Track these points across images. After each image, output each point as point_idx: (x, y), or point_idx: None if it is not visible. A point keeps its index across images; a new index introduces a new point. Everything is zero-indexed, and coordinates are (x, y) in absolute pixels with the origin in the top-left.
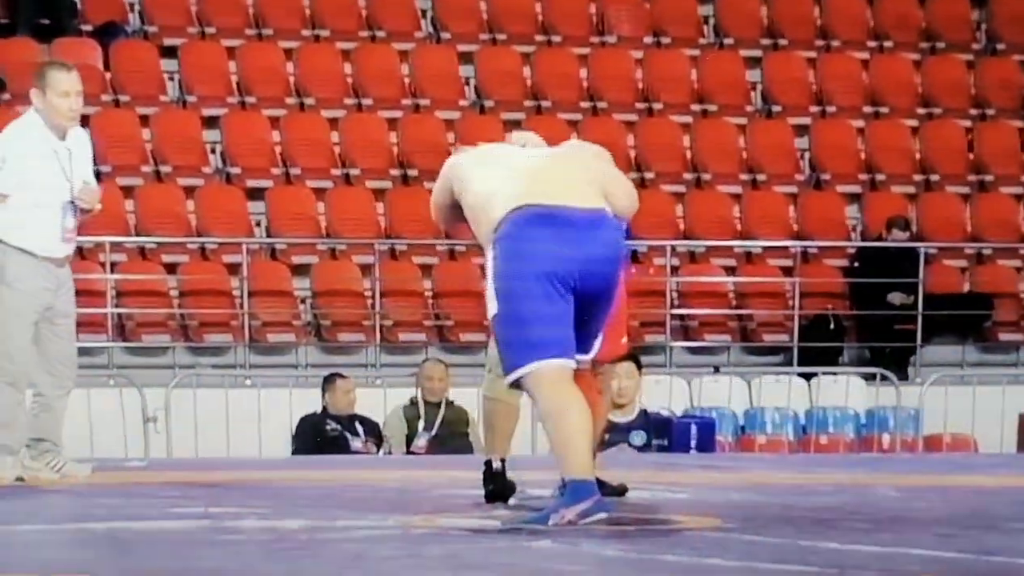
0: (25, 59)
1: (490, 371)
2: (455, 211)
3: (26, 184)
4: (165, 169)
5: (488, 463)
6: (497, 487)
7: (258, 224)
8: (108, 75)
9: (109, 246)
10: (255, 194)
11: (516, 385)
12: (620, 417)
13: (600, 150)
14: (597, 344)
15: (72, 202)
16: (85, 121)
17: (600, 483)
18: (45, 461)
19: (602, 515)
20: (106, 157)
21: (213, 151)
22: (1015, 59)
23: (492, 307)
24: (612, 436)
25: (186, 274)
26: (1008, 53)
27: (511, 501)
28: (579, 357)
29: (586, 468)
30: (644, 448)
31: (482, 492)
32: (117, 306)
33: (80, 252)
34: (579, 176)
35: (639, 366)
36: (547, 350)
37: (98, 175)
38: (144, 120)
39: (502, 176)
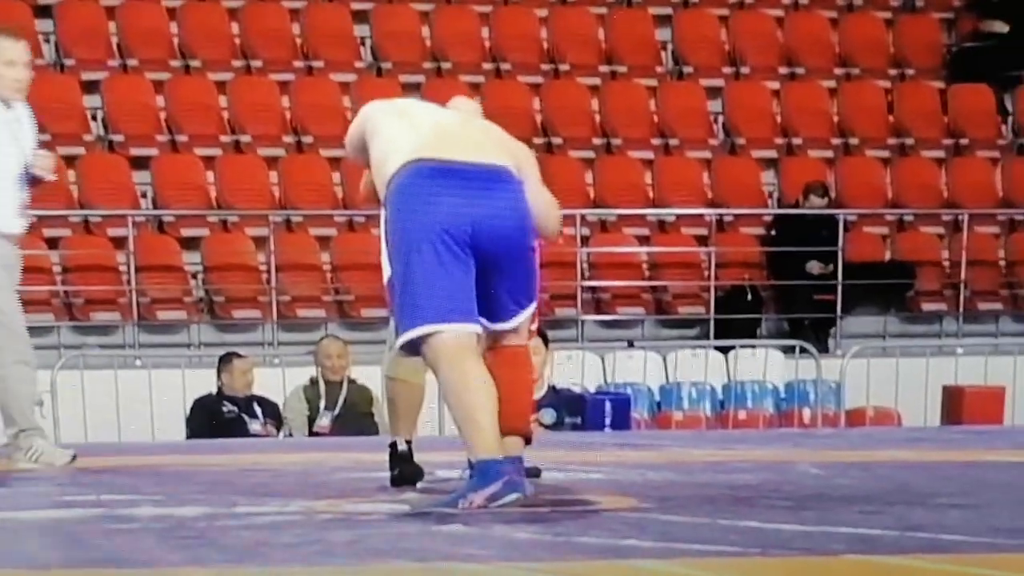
0: None
1: (390, 348)
2: (365, 157)
3: None
4: (43, 137)
5: (393, 445)
6: (404, 470)
7: (144, 195)
8: None
9: (51, 221)
10: (140, 163)
11: (415, 352)
12: None
13: (529, 153)
14: (516, 315)
15: (26, 174)
16: None
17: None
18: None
19: (513, 496)
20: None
21: (94, 117)
22: (935, 16)
23: (386, 270)
24: None
25: (69, 249)
26: (927, 10)
27: (419, 484)
28: (489, 325)
29: (492, 447)
30: (556, 426)
31: (388, 475)
32: (63, 284)
33: None
34: (490, 138)
35: (546, 341)
36: (445, 314)
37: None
38: None
39: (405, 130)
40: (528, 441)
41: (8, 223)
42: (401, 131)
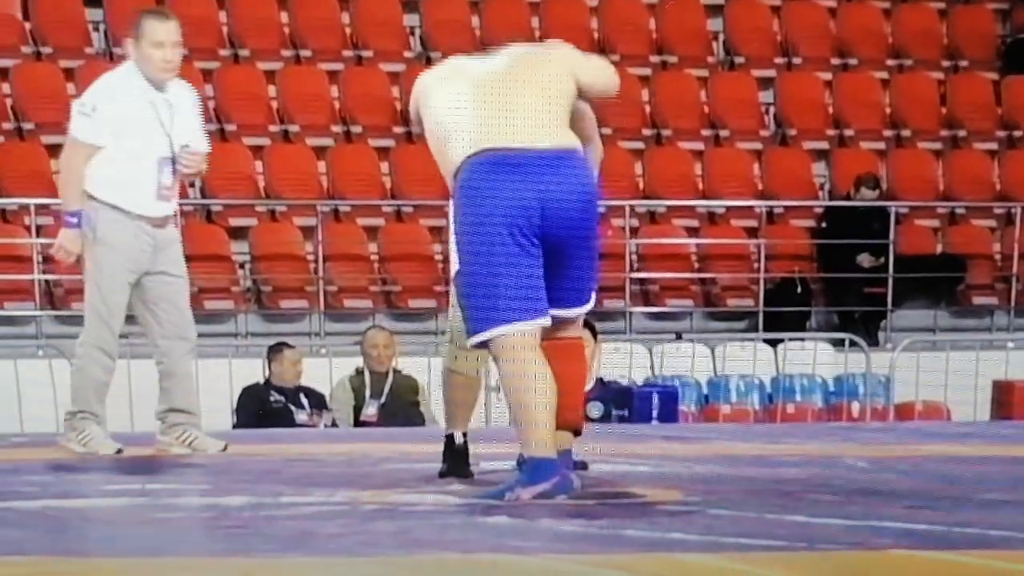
0: None
1: (451, 341)
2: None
3: (120, 135)
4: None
5: (450, 437)
6: (455, 464)
7: (192, 185)
8: (28, 25)
9: (35, 208)
10: None
11: (481, 344)
12: None
13: (561, 50)
14: (587, 300)
15: (172, 159)
16: (4, 74)
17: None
18: (176, 434)
19: (561, 497)
20: (28, 114)
21: None
22: (989, 7)
23: (454, 263)
24: None
25: None
26: (982, 1)
27: (470, 476)
28: (560, 313)
29: (547, 445)
30: (603, 419)
31: (434, 466)
32: (44, 272)
33: (3, 215)
34: (541, 103)
35: (595, 334)
36: (510, 314)
37: (20, 132)
38: (68, 73)
39: (460, 106)
40: (578, 433)
41: (139, 204)
42: (453, 105)
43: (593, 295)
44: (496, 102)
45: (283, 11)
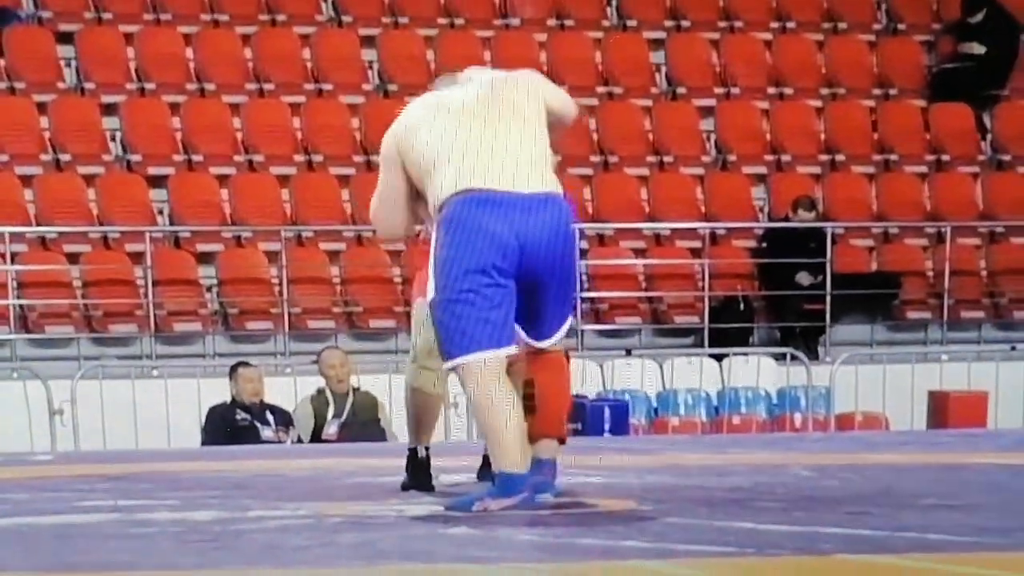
0: None
1: (413, 360)
2: (412, 195)
3: None
4: (64, 157)
5: (413, 451)
6: (418, 477)
7: (160, 212)
8: (2, 62)
9: (9, 236)
10: (157, 182)
11: (451, 369)
12: None
13: (528, 75)
14: (561, 329)
15: None
16: None
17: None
18: None
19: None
20: (3, 146)
21: (113, 138)
22: (916, 39)
23: (430, 292)
24: None
25: (89, 264)
26: (909, 33)
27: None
28: (533, 343)
29: (516, 462)
30: None
31: (396, 479)
32: (19, 297)
33: None
34: (524, 139)
35: (567, 356)
36: (482, 342)
37: None
38: (41, 107)
39: (445, 143)
40: (562, 442)
41: None
42: (436, 137)
43: (563, 328)
44: (480, 139)
45: (247, 47)
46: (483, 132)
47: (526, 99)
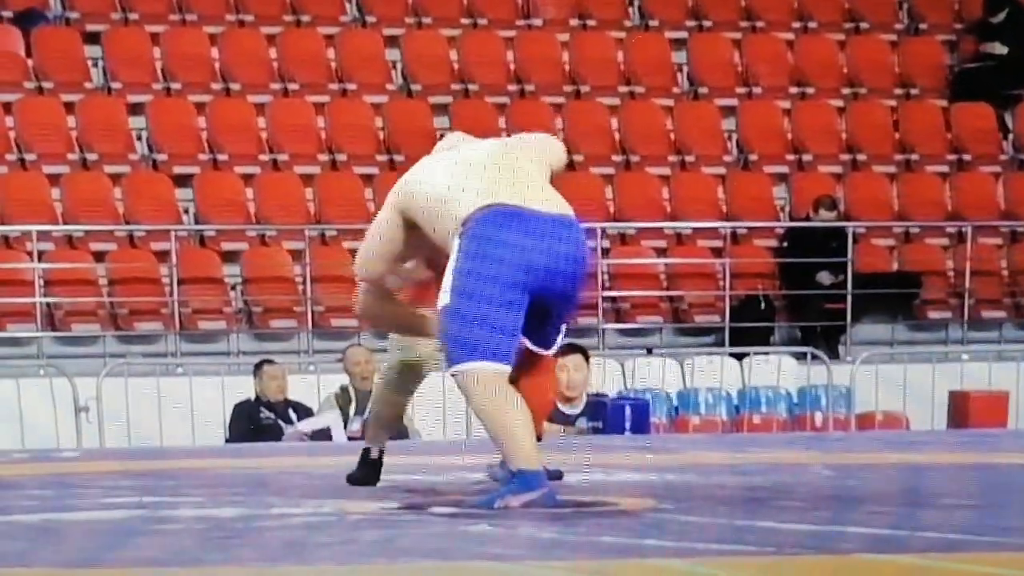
0: None
1: (390, 367)
2: (408, 246)
3: None
4: (91, 157)
5: (367, 450)
6: (367, 473)
7: (186, 211)
8: (30, 62)
9: (36, 235)
10: (182, 181)
11: (454, 375)
12: (569, 409)
13: (530, 136)
14: (558, 340)
15: None
16: (8, 108)
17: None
18: None
19: (548, 508)
20: (31, 145)
21: (139, 138)
22: (938, 38)
23: (444, 299)
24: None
25: (115, 262)
26: (931, 32)
27: (419, 483)
28: (534, 348)
29: (532, 459)
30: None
31: (417, 477)
32: (45, 295)
33: (6, 241)
34: (539, 173)
35: (587, 358)
36: (489, 353)
37: (22, 163)
38: (69, 107)
39: (461, 172)
40: (538, 439)
41: None
42: (453, 173)
43: (559, 339)
44: (502, 165)
45: (272, 47)
46: (501, 163)
47: (535, 151)
